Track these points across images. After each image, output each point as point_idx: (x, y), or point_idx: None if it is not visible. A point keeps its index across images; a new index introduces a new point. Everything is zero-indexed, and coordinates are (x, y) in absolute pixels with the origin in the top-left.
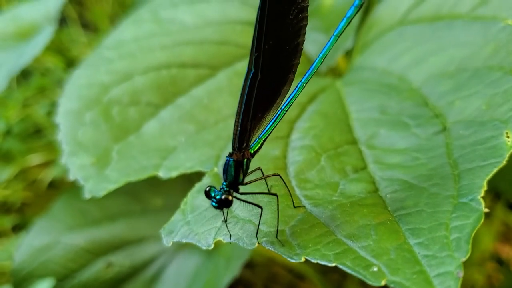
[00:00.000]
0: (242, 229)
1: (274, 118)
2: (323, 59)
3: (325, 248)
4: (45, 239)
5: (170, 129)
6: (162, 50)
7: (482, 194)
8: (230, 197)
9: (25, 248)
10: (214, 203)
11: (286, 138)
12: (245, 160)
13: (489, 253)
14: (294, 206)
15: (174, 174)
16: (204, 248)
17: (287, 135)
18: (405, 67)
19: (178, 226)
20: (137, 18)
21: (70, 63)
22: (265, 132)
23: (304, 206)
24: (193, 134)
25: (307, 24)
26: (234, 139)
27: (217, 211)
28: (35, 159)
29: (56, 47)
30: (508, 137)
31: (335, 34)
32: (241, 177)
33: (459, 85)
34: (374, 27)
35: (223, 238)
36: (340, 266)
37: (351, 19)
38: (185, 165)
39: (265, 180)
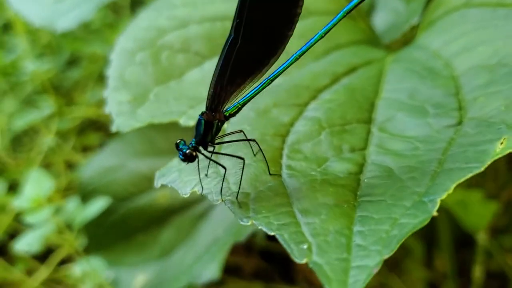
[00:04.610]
0: (216, 185)
1: (258, 87)
2: (325, 34)
3: (274, 218)
4: (114, 161)
5: (208, 81)
6: (222, 1)
7: (444, 196)
8: (194, 153)
9: (95, 166)
10: (180, 156)
11: (303, 106)
12: (216, 121)
13: None
14: (270, 174)
15: (191, 123)
16: (181, 195)
17: (305, 103)
18: (455, 53)
19: (171, 171)
20: None
21: None
22: (245, 99)
23: (281, 175)
24: None
25: None
26: (207, 99)
27: (206, 162)
28: None
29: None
30: (502, 143)
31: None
32: (209, 137)
33: (491, 81)
34: (441, 5)
35: (198, 190)
36: (277, 237)
37: None
38: None
39: (249, 143)
